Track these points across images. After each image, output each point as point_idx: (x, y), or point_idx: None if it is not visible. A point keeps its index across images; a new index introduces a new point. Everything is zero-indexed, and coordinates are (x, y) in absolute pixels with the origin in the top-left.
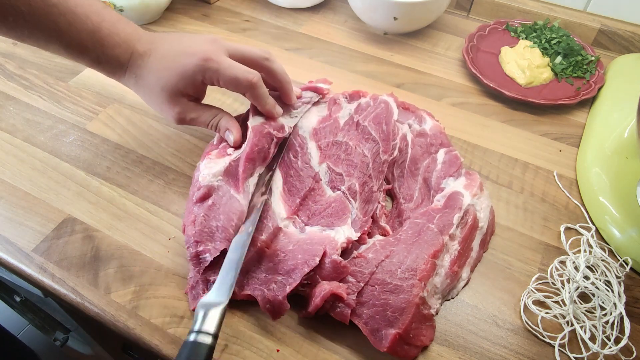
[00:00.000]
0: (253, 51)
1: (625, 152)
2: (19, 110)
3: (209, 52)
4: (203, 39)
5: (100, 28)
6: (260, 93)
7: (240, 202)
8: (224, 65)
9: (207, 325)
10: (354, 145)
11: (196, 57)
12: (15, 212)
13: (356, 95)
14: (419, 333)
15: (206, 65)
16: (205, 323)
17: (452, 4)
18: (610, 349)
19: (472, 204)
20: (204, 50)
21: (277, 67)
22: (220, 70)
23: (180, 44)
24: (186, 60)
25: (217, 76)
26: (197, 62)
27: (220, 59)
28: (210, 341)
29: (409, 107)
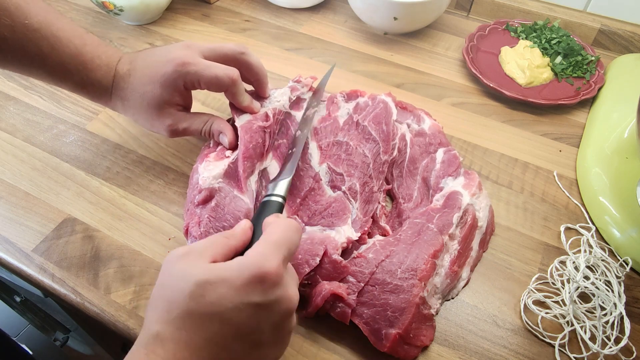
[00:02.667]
0: (228, 47)
1: (625, 152)
2: (19, 110)
3: (185, 57)
4: (176, 46)
5: (83, 52)
6: (239, 90)
7: (244, 200)
8: (201, 67)
9: (277, 190)
10: (354, 145)
11: (173, 63)
12: (15, 212)
13: (354, 94)
14: (419, 333)
15: (184, 69)
16: (276, 189)
17: (452, 4)
18: (611, 349)
19: (471, 204)
20: (179, 56)
21: (254, 60)
22: (199, 72)
23: (154, 55)
24: (164, 69)
25: (197, 78)
26: (175, 67)
27: (196, 60)
28: (280, 200)
29: (406, 107)
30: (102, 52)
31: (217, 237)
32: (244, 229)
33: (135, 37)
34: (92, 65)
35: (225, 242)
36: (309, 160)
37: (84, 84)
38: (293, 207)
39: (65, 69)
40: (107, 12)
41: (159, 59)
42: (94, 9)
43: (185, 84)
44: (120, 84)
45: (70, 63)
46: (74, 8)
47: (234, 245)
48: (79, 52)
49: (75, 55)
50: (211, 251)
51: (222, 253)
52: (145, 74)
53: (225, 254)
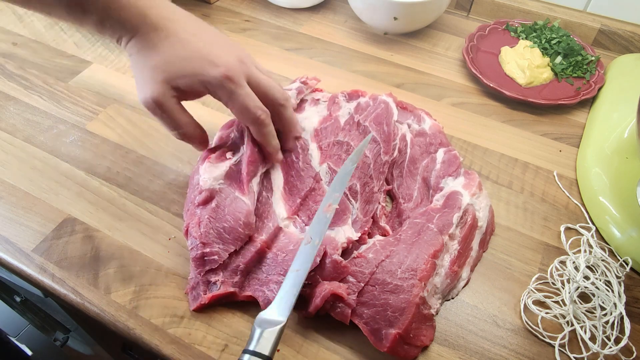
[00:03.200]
0: (273, 92)
1: (625, 152)
2: (19, 110)
3: (232, 72)
4: (231, 51)
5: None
6: (265, 132)
7: (245, 202)
8: (239, 92)
9: (261, 346)
10: (355, 145)
11: (219, 70)
12: (15, 212)
13: (355, 94)
14: (419, 333)
15: (224, 83)
16: (260, 343)
17: (452, 4)
18: (611, 349)
19: (471, 204)
20: (227, 67)
21: (290, 114)
22: (235, 95)
23: (205, 42)
24: (207, 68)
25: (229, 98)
26: (218, 76)
27: (240, 82)
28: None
29: (407, 107)
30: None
31: None
32: None
33: None
34: (117, 3)
35: None
36: (309, 160)
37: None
38: (293, 207)
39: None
40: None
41: (208, 51)
42: None
43: (214, 92)
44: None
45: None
46: None
47: None
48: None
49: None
50: None
51: None
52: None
53: None
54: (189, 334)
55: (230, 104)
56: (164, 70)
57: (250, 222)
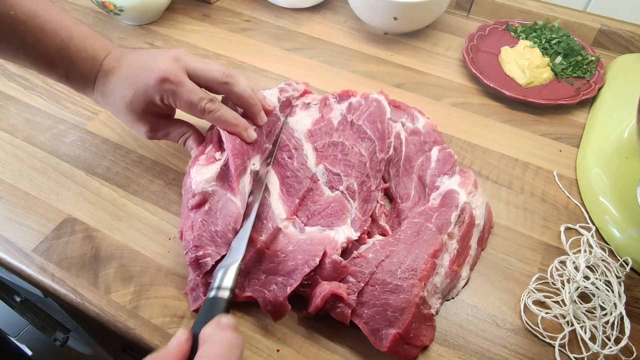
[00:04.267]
0: (211, 74)
1: (625, 152)
2: (19, 110)
3: (167, 72)
4: (165, 56)
5: (69, 45)
6: (218, 117)
7: (236, 204)
8: (180, 88)
9: (225, 282)
10: (350, 145)
11: (154, 76)
12: (15, 212)
13: (345, 95)
14: (419, 333)
15: (163, 86)
16: (224, 280)
17: (452, 4)
18: (611, 349)
19: (468, 202)
20: (162, 69)
21: (239, 89)
22: (177, 93)
23: (140, 60)
24: (145, 79)
25: (174, 98)
26: (154, 82)
27: (178, 79)
28: (228, 295)
29: (399, 105)
30: (89, 45)
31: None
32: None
33: (135, 37)
34: (77, 58)
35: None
36: (305, 161)
37: (69, 76)
38: (292, 207)
39: (50, 61)
40: (107, 12)
41: (143, 66)
42: (94, 9)
43: (162, 99)
44: (103, 79)
45: (55, 56)
46: (74, 8)
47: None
48: (65, 46)
49: (61, 48)
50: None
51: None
52: (127, 78)
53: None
54: None
55: (178, 103)
56: (127, 107)
57: (237, 228)
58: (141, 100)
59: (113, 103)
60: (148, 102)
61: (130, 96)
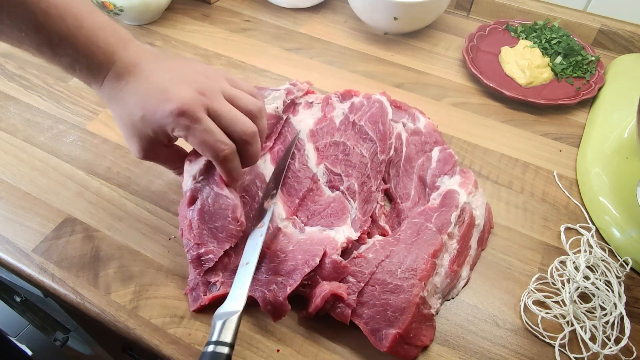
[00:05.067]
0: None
1: (625, 152)
2: (19, 110)
3: (186, 106)
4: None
5: (76, 34)
6: (228, 168)
7: (228, 197)
8: (196, 126)
9: (224, 336)
10: (351, 145)
11: (170, 106)
12: (15, 212)
13: (348, 94)
14: (419, 333)
15: (178, 120)
16: (223, 333)
17: (452, 4)
18: (611, 349)
19: (468, 202)
20: (182, 101)
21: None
22: (191, 130)
23: (162, 79)
24: (160, 107)
25: (186, 135)
26: (170, 113)
27: (196, 116)
28: (227, 351)
29: (400, 106)
30: (102, 38)
31: None
32: None
33: (135, 37)
34: (85, 51)
35: None
36: (306, 161)
37: (74, 67)
38: (292, 207)
39: (54, 49)
40: (107, 12)
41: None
42: None
43: (173, 132)
44: (114, 82)
45: (59, 45)
46: None
47: None
48: (71, 34)
49: (66, 36)
50: None
51: None
52: (140, 94)
53: None
54: (189, 334)
55: (189, 139)
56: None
57: (238, 217)
58: (149, 125)
59: (118, 112)
60: (155, 129)
61: (139, 116)
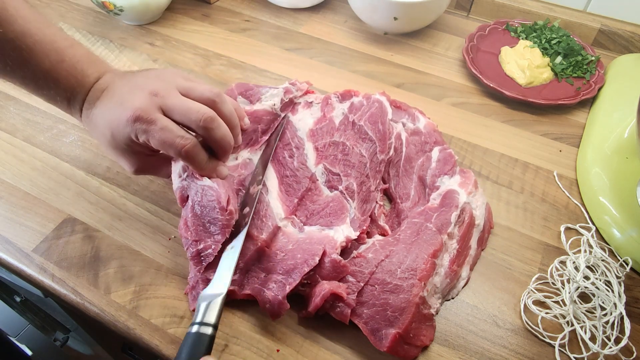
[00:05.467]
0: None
1: (625, 152)
2: (19, 110)
3: (139, 110)
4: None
5: (58, 69)
6: (193, 162)
7: (212, 187)
8: (152, 128)
9: (208, 317)
10: (351, 145)
11: (126, 115)
12: (15, 212)
13: (348, 94)
14: (419, 333)
15: (135, 125)
16: (207, 315)
17: (452, 4)
18: (611, 349)
19: (468, 202)
20: (135, 106)
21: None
22: (150, 132)
23: (119, 94)
24: (119, 118)
25: (147, 138)
26: (126, 122)
27: (150, 118)
28: (211, 331)
29: (400, 106)
30: (80, 71)
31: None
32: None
33: (135, 37)
34: (65, 84)
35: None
36: (305, 161)
37: (56, 99)
38: (291, 207)
39: (37, 83)
40: (107, 12)
41: (120, 102)
42: (94, 9)
43: (137, 138)
44: (88, 110)
45: (42, 78)
46: (75, 8)
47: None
48: (53, 69)
49: (49, 71)
50: None
51: None
52: (105, 115)
53: None
54: None
55: (151, 142)
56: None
57: (224, 206)
58: (119, 140)
59: (97, 136)
60: (125, 140)
61: (109, 135)
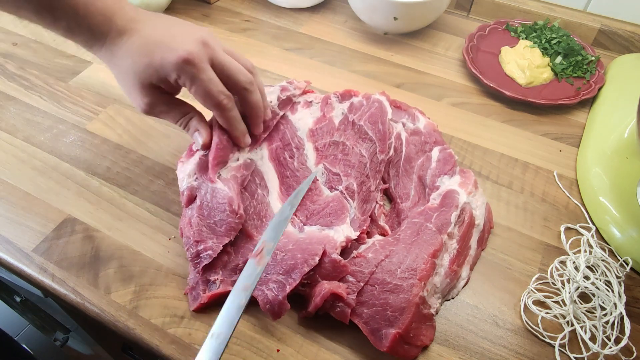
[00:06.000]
0: (236, 76)
1: (625, 152)
2: (19, 110)
3: (193, 55)
4: (194, 34)
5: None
6: (228, 116)
7: (223, 190)
8: (201, 76)
9: None
10: (351, 145)
11: (177, 54)
12: (15, 212)
13: (347, 94)
14: (419, 333)
15: (184, 68)
16: None
17: (452, 4)
18: (611, 349)
19: (468, 202)
20: (188, 50)
21: (253, 99)
22: (196, 79)
23: (166, 31)
24: (166, 55)
25: (191, 83)
26: (176, 61)
27: (201, 66)
28: None
29: (400, 106)
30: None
31: None
32: None
33: None
34: (84, 11)
35: None
36: (305, 160)
37: (73, 30)
38: None
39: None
40: None
41: (168, 39)
42: None
43: (178, 80)
44: (116, 39)
45: (59, 7)
46: None
47: None
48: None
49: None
50: None
51: None
52: (146, 44)
53: None
54: (189, 334)
55: (193, 89)
56: (136, 74)
57: (235, 209)
58: (153, 72)
59: (121, 65)
60: (160, 77)
61: (143, 64)
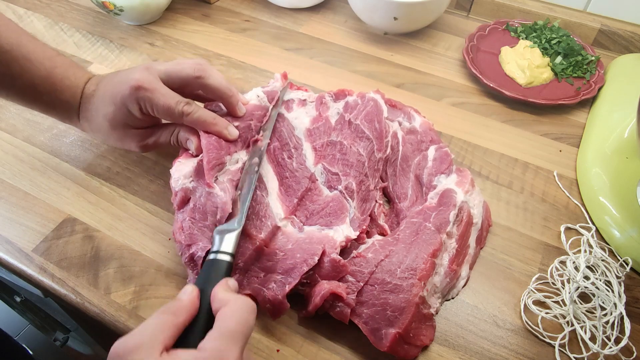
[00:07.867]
0: (184, 71)
1: (625, 152)
2: (19, 110)
3: (141, 80)
4: (137, 68)
5: (53, 74)
6: (196, 119)
7: (218, 195)
8: (156, 94)
9: (224, 246)
10: (348, 144)
11: (128, 85)
12: (15, 212)
13: (342, 93)
14: (419, 333)
15: (138, 94)
16: (223, 244)
17: (452, 4)
18: (611, 349)
19: (466, 201)
20: (136, 78)
21: (213, 81)
22: (153, 99)
23: (116, 77)
24: (121, 91)
25: (150, 105)
26: (130, 91)
27: (152, 86)
28: (229, 259)
29: (395, 104)
30: (72, 74)
31: (165, 318)
32: (190, 300)
33: (135, 37)
34: (61, 87)
35: (173, 322)
36: (304, 161)
37: (53, 105)
38: (291, 207)
39: (35, 90)
40: (107, 12)
41: (120, 80)
42: (94, 9)
43: (141, 108)
44: (86, 104)
45: (40, 84)
46: (74, 8)
47: (182, 322)
48: (49, 74)
49: (46, 77)
50: (161, 338)
51: (172, 336)
52: (106, 95)
53: (175, 335)
54: None
55: (155, 109)
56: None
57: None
58: (122, 114)
59: (97, 124)
60: (128, 113)
61: (111, 112)
